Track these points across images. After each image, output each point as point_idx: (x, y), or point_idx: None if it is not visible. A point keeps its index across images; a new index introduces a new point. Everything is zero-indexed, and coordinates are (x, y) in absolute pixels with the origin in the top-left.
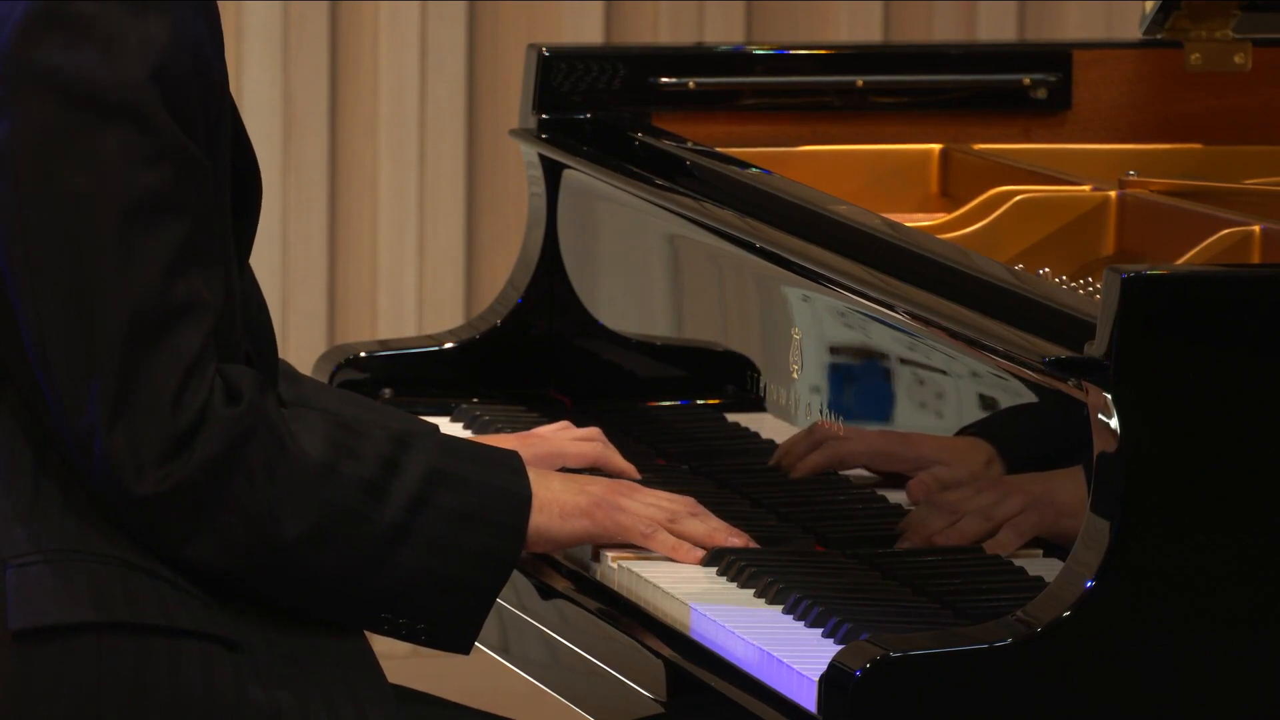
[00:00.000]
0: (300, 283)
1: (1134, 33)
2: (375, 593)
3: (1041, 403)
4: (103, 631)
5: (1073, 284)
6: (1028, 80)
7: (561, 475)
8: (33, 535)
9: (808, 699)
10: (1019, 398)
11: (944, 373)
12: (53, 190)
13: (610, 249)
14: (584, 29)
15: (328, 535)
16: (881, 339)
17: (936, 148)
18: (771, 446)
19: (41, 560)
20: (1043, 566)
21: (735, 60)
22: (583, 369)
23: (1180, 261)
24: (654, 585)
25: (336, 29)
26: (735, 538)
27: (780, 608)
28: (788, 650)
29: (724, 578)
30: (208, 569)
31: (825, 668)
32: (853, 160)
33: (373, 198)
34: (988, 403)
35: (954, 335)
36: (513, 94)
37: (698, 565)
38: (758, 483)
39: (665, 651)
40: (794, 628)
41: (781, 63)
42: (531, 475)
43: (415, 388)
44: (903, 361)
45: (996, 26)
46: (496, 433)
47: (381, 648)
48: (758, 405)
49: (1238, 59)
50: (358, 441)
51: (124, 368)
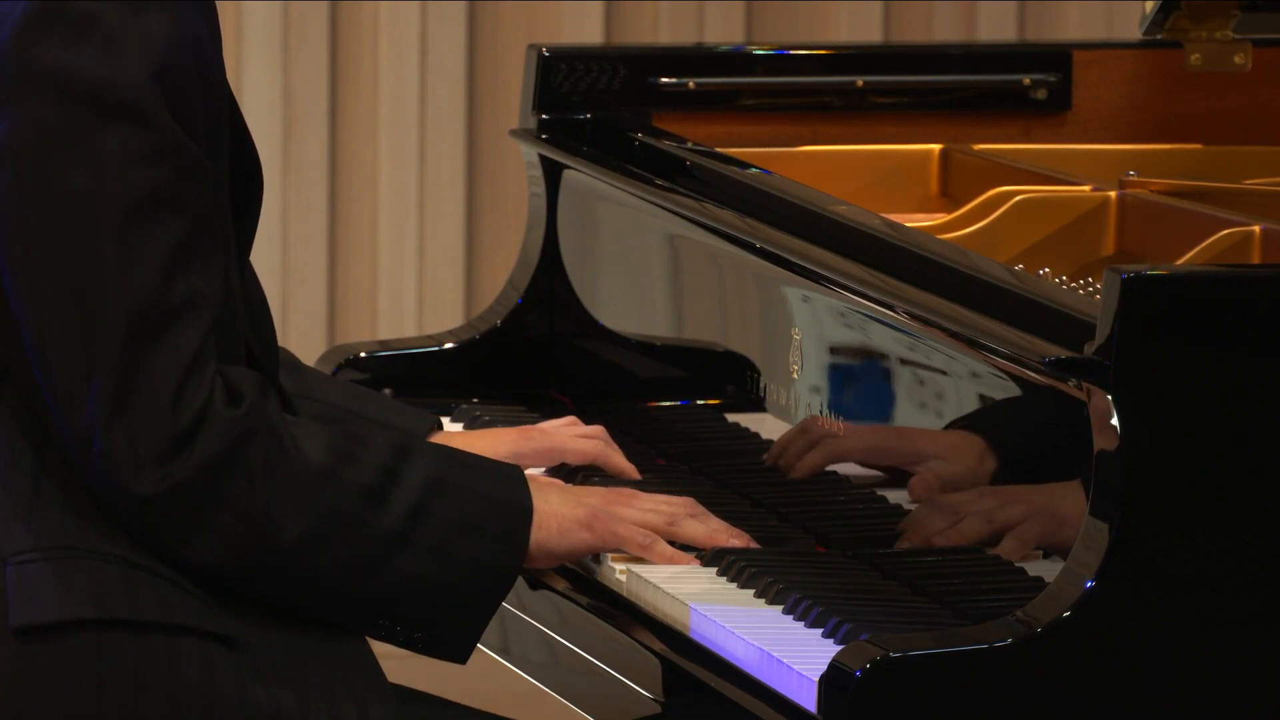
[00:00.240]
0: (300, 283)
1: (1134, 33)
2: (372, 598)
3: (1041, 403)
4: (103, 628)
5: (1073, 284)
6: (1028, 80)
7: (559, 487)
8: (33, 533)
9: (808, 699)
10: (1019, 398)
11: (944, 373)
12: (53, 189)
13: (610, 249)
14: (584, 29)
15: (326, 539)
16: (882, 339)
17: (936, 148)
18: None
19: (42, 558)
20: (1043, 566)
21: (735, 60)
22: (583, 369)
23: (1180, 262)
24: (654, 585)
25: (336, 29)
26: (735, 538)
27: (780, 608)
28: (788, 650)
29: (724, 578)
30: (206, 569)
31: (825, 668)
32: (853, 160)
33: (373, 198)
34: (988, 403)
35: (954, 335)
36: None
37: (699, 566)
38: (758, 483)
39: (665, 651)
40: (794, 628)
41: (781, 63)
42: (532, 489)
43: (415, 388)
44: (903, 362)
45: (996, 26)
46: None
47: (382, 648)
48: (758, 405)
49: (1238, 59)
50: (359, 448)
51: (124, 367)
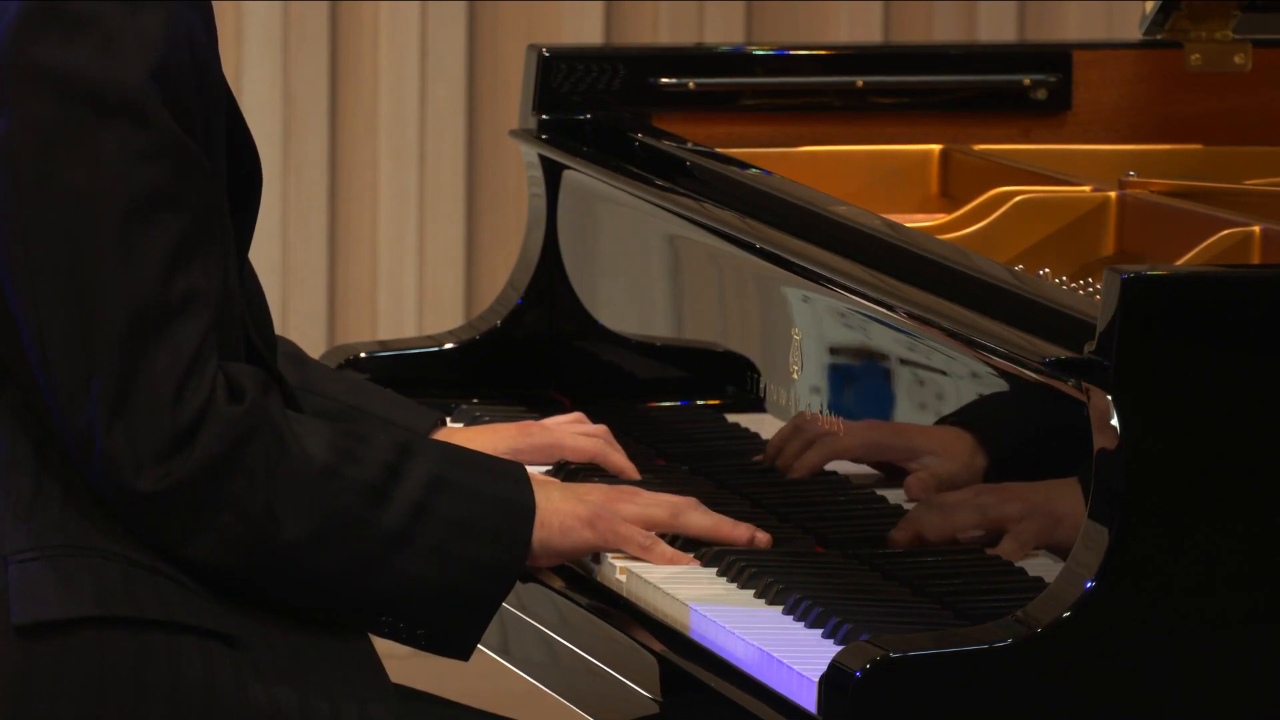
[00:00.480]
0: (300, 283)
1: (1134, 33)
2: (374, 596)
3: (1041, 403)
4: (104, 626)
5: (1073, 284)
6: (1028, 81)
7: (562, 486)
8: (34, 532)
9: (808, 699)
10: (1019, 398)
11: (944, 373)
12: (52, 189)
13: (610, 249)
14: (584, 29)
15: (327, 537)
16: (882, 339)
17: (936, 148)
18: None
19: (43, 556)
20: (1043, 567)
21: (735, 60)
22: (583, 369)
23: (1180, 262)
24: (654, 586)
25: (336, 29)
26: (739, 531)
27: (780, 608)
28: (788, 651)
29: (724, 578)
30: (207, 567)
31: (825, 668)
32: (853, 161)
33: (373, 198)
34: (988, 403)
35: (954, 336)
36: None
37: (699, 566)
38: (758, 483)
39: (665, 652)
40: (794, 628)
41: (781, 63)
42: (535, 488)
43: (415, 388)
44: (903, 362)
45: (996, 27)
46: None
47: (382, 647)
48: (758, 406)
49: (1238, 59)
50: (361, 445)
51: (124, 365)
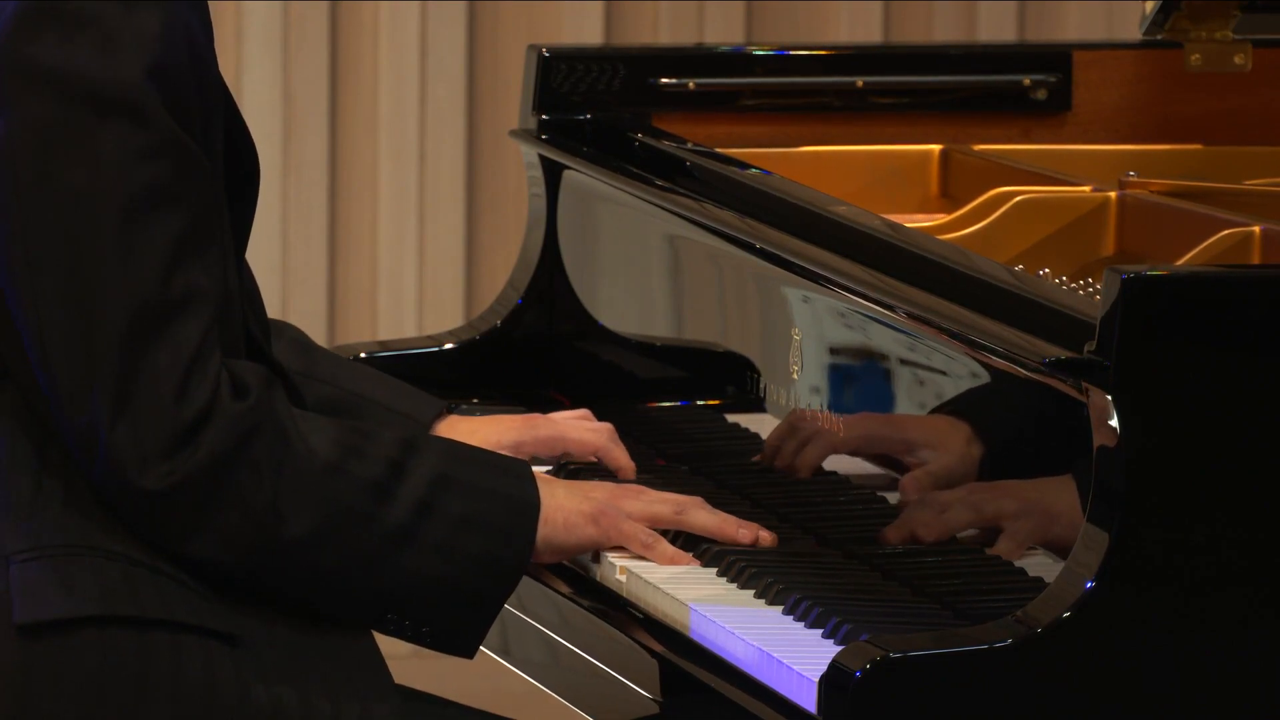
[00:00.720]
0: (300, 283)
1: (1134, 33)
2: (379, 593)
3: (1041, 404)
4: (105, 625)
5: (1073, 285)
6: (1028, 81)
7: (566, 483)
8: (35, 531)
9: (808, 699)
10: (1019, 398)
11: (944, 374)
12: (51, 188)
13: (610, 250)
14: (584, 29)
15: (332, 534)
16: (882, 340)
17: (936, 148)
18: None
19: (44, 556)
20: (1043, 567)
21: (735, 61)
22: (583, 369)
23: (1180, 262)
24: (654, 586)
25: (336, 29)
26: (745, 529)
27: (780, 608)
28: (788, 651)
29: (724, 578)
30: (212, 565)
31: (825, 668)
32: (853, 161)
33: (373, 198)
34: (988, 403)
35: (954, 336)
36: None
37: (699, 566)
38: (758, 483)
39: (665, 652)
40: (794, 628)
41: (782, 63)
42: (539, 484)
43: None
44: (903, 362)
45: (996, 27)
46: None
47: (383, 647)
48: (758, 406)
49: (1238, 60)
50: (366, 442)
51: (125, 364)
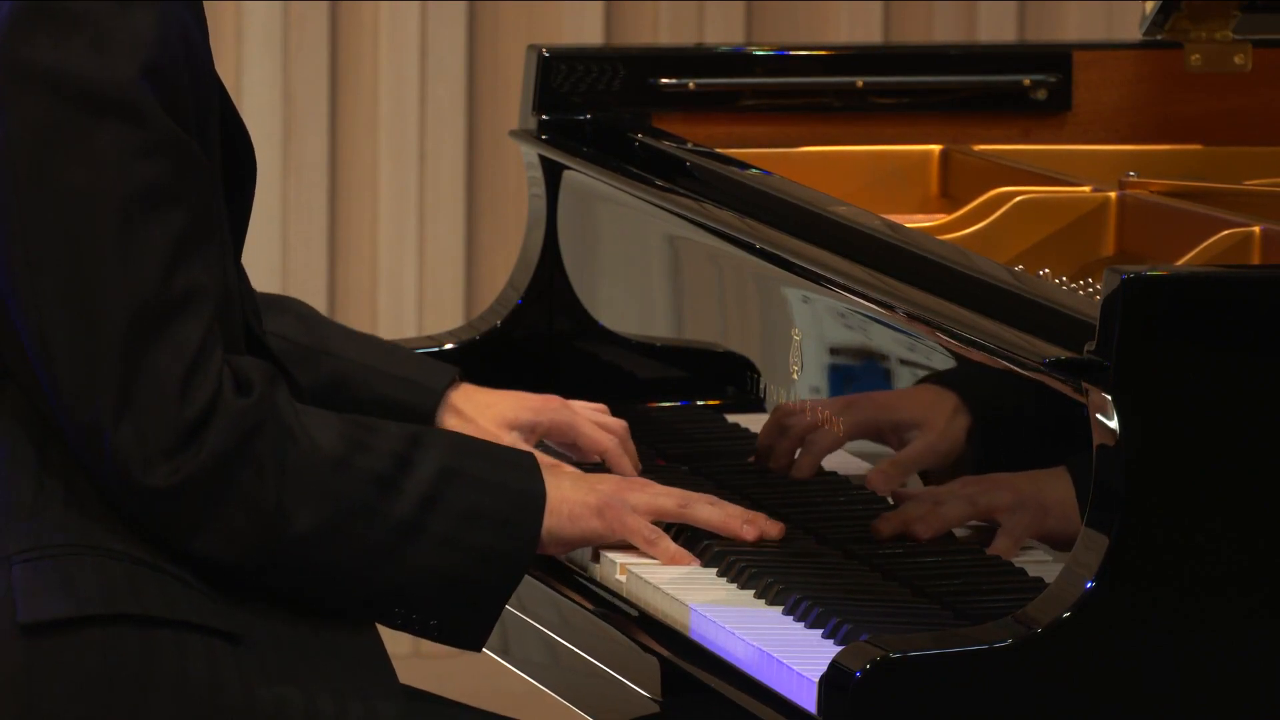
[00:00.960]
0: (300, 283)
1: (1134, 33)
2: (385, 588)
3: (1041, 404)
4: (108, 624)
5: (1073, 285)
6: (1028, 81)
7: (573, 474)
8: (37, 531)
9: (808, 700)
10: (1019, 399)
11: (944, 374)
12: (50, 188)
13: (610, 250)
14: (584, 29)
15: (338, 529)
16: (882, 340)
17: (936, 148)
18: None
19: (47, 555)
20: (1043, 567)
21: (735, 61)
22: (583, 370)
23: (1180, 262)
24: (655, 586)
25: (336, 29)
26: (749, 524)
27: (780, 608)
28: (787, 651)
29: (724, 578)
30: (217, 562)
31: (825, 668)
32: (853, 161)
33: (373, 198)
34: (988, 404)
35: (954, 336)
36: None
37: (699, 567)
38: (758, 484)
39: (665, 652)
40: (794, 628)
41: (782, 63)
42: (545, 476)
43: None
44: (903, 362)
45: (996, 27)
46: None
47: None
48: (758, 406)
49: (1238, 60)
50: (370, 437)
51: (128, 362)
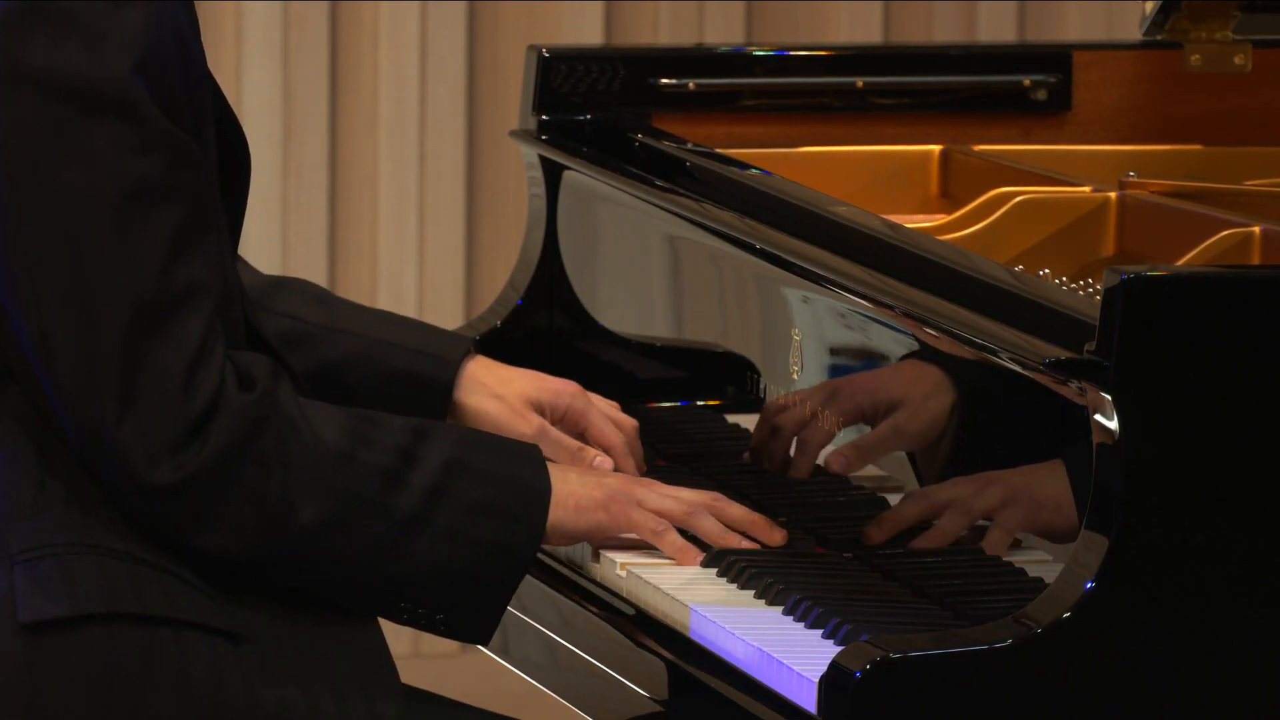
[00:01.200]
0: None
1: (1134, 33)
2: (391, 582)
3: (1041, 404)
4: (110, 622)
5: (1073, 285)
6: (1028, 81)
7: (579, 468)
8: (38, 530)
9: (808, 700)
10: (1019, 399)
11: (944, 374)
12: (46, 187)
13: (610, 250)
14: (584, 29)
15: (344, 523)
16: (881, 340)
17: (936, 149)
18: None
19: (48, 555)
20: (1043, 567)
21: (735, 61)
22: (583, 370)
23: (1180, 263)
24: (655, 587)
25: (336, 29)
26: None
27: (780, 609)
28: (788, 651)
29: (724, 579)
30: (222, 558)
31: (825, 669)
32: (853, 161)
33: (373, 198)
34: (988, 403)
35: (954, 336)
36: (513, 94)
37: (699, 567)
38: (758, 484)
39: (665, 653)
40: (794, 629)
41: (782, 64)
42: (550, 469)
43: None
44: (902, 360)
45: (996, 27)
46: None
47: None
48: (758, 406)
49: (1238, 60)
50: (375, 430)
51: (129, 358)
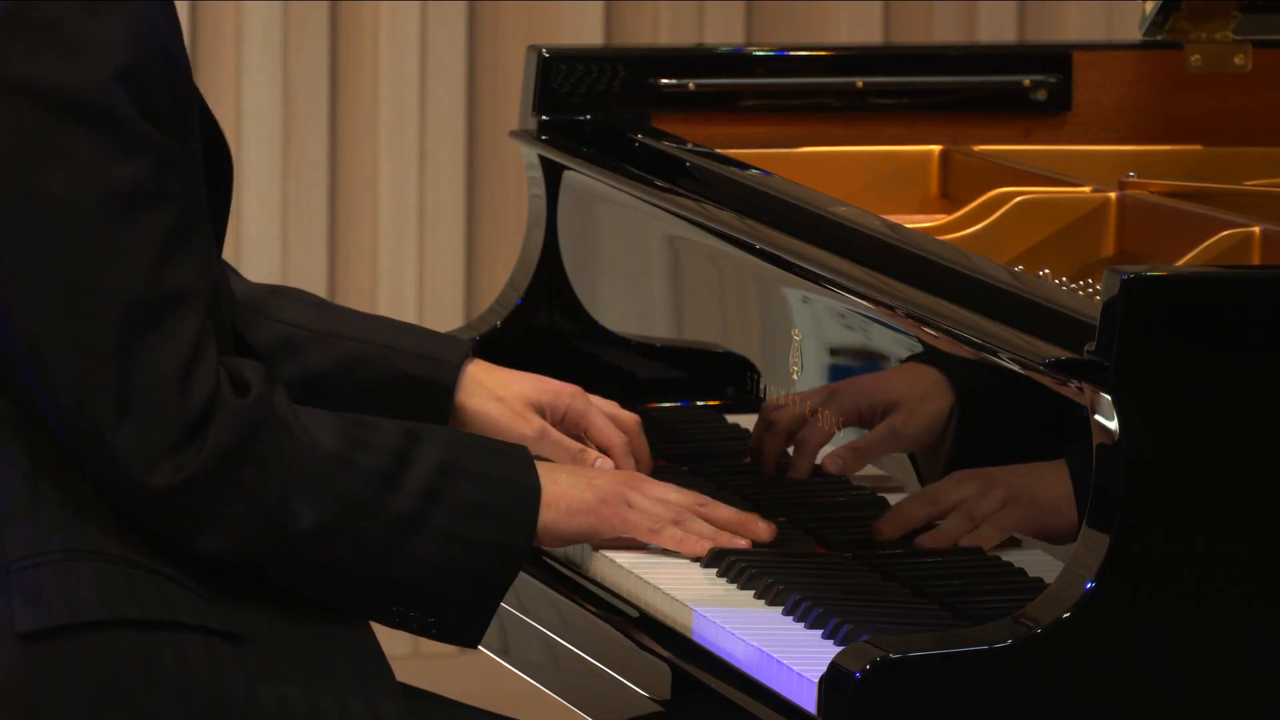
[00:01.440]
0: (300, 283)
1: (1134, 34)
2: (387, 584)
3: (1041, 404)
4: (108, 628)
5: (1073, 285)
6: (1028, 81)
7: (569, 469)
8: (34, 537)
9: (808, 700)
10: (1019, 399)
11: (944, 374)
12: (31, 195)
13: (610, 250)
14: (584, 30)
15: (341, 526)
16: (881, 340)
17: (936, 149)
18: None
19: (44, 561)
20: (1043, 567)
21: (735, 61)
22: (583, 370)
23: (1180, 263)
24: (654, 587)
25: (336, 29)
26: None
27: (780, 609)
28: (788, 651)
29: (724, 579)
30: (221, 560)
31: (825, 669)
32: (853, 161)
33: (373, 198)
34: (988, 404)
35: (954, 337)
36: (513, 95)
37: (699, 567)
38: (757, 484)
39: (665, 653)
40: (794, 629)
41: (782, 64)
42: (540, 470)
43: None
44: (903, 363)
45: (996, 27)
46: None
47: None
48: (758, 406)
49: (1238, 60)
50: (368, 434)
51: (123, 361)
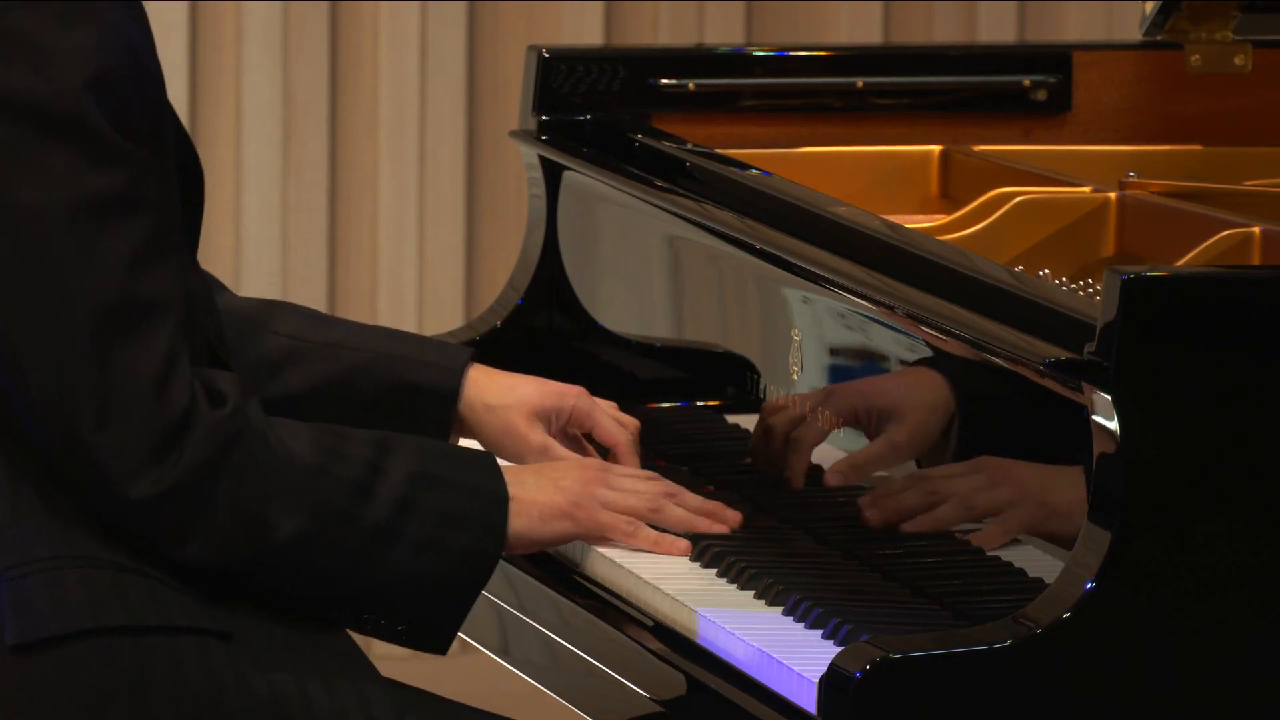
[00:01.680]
0: (300, 283)
1: (1134, 34)
2: (362, 592)
3: (1041, 404)
4: (100, 635)
5: (1073, 285)
6: (1028, 81)
7: (535, 470)
8: (18, 546)
9: (808, 700)
10: (1019, 399)
11: (944, 374)
12: (4, 209)
13: (610, 250)
14: (584, 30)
15: (319, 535)
16: (881, 340)
17: (936, 149)
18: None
19: (32, 571)
20: (1043, 566)
21: (735, 61)
22: (583, 370)
23: (1180, 263)
24: (654, 587)
25: (336, 29)
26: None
27: (780, 609)
28: (787, 651)
29: (724, 579)
30: (201, 569)
31: (825, 669)
32: (853, 161)
33: (373, 199)
34: (988, 404)
35: (954, 337)
36: (513, 95)
37: (698, 567)
38: (757, 484)
39: (665, 653)
40: (794, 629)
41: (782, 64)
42: (507, 475)
43: None
44: (903, 363)
45: (996, 27)
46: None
47: (382, 649)
48: (758, 407)
49: (1238, 60)
50: (342, 444)
51: (100, 373)
